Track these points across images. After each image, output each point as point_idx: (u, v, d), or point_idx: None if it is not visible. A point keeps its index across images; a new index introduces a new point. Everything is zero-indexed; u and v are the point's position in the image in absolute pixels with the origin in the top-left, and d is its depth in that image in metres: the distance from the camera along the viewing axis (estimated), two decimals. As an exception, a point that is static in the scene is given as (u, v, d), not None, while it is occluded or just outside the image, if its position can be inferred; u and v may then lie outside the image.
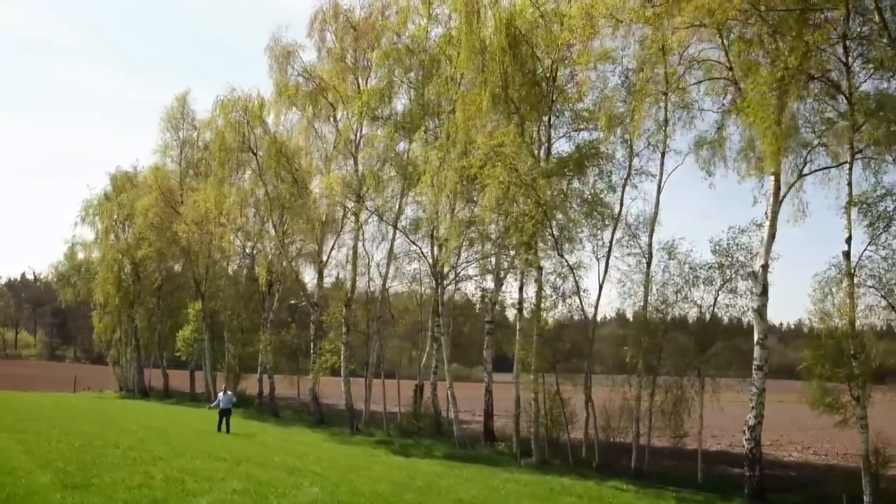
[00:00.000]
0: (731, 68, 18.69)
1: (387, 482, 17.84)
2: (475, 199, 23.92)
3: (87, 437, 22.87)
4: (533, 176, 20.50)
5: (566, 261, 22.47)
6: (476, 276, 29.35)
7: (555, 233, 21.85)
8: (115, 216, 51.23)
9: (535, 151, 23.47)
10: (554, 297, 23.05)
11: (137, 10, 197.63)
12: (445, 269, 28.02)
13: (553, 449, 24.53)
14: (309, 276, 37.79)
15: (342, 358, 31.56)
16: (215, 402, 28.83)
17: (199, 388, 49.68)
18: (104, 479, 14.52)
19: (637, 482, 20.64)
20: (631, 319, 22.30)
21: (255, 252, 42.24)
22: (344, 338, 31.44)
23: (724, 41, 18.70)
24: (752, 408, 18.91)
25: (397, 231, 29.56)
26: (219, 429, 27.92)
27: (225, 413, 28.21)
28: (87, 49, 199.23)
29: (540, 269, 23.93)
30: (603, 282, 23.24)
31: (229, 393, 29.20)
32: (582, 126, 25.13)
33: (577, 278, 22.30)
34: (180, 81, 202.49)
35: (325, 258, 34.17)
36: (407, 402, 32.06)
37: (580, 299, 22.66)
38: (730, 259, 21.59)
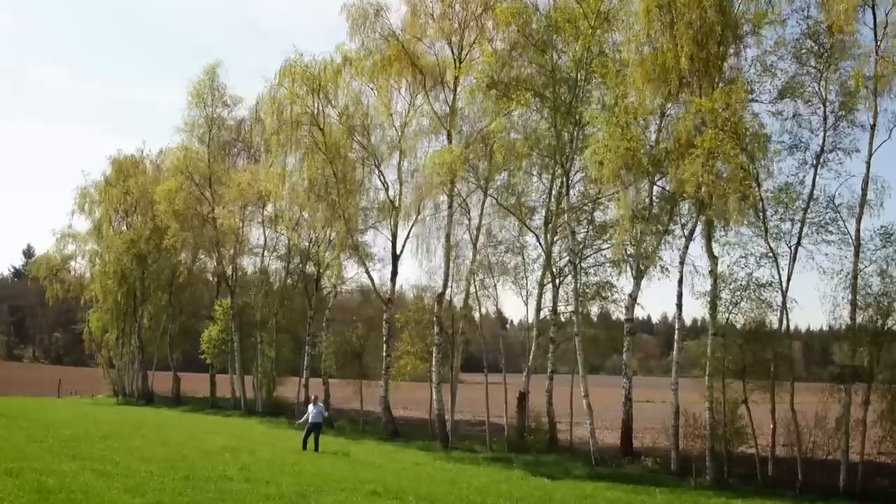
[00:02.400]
0: None
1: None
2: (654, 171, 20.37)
3: (174, 463, 18.56)
4: (759, 141, 17.14)
5: (769, 243, 19.22)
6: (599, 265, 25.87)
7: (762, 209, 18.50)
8: (121, 204, 45.82)
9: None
10: (740, 291, 19.87)
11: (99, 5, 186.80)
12: (572, 259, 24.50)
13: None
14: (376, 269, 33.54)
15: (434, 362, 27.61)
16: (304, 417, 24.61)
17: (219, 393, 45.06)
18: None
19: (862, 505, 17.73)
20: (848, 319, 19.06)
21: (290, 242, 37.82)
22: (436, 339, 27.50)
23: None
24: None
25: (513, 217, 25.77)
26: (304, 446, 23.81)
27: (315, 428, 24.05)
28: (45, 45, 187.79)
29: (715, 258, 20.80)
30: (791, 272, 20.15)
31: (321, 404, 24.90)
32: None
33: (779, 268, 19.07)
34: (146, 78, 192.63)
35: (399, 248, 30.24)
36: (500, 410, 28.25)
37: (783, 294, 19.39)
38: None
